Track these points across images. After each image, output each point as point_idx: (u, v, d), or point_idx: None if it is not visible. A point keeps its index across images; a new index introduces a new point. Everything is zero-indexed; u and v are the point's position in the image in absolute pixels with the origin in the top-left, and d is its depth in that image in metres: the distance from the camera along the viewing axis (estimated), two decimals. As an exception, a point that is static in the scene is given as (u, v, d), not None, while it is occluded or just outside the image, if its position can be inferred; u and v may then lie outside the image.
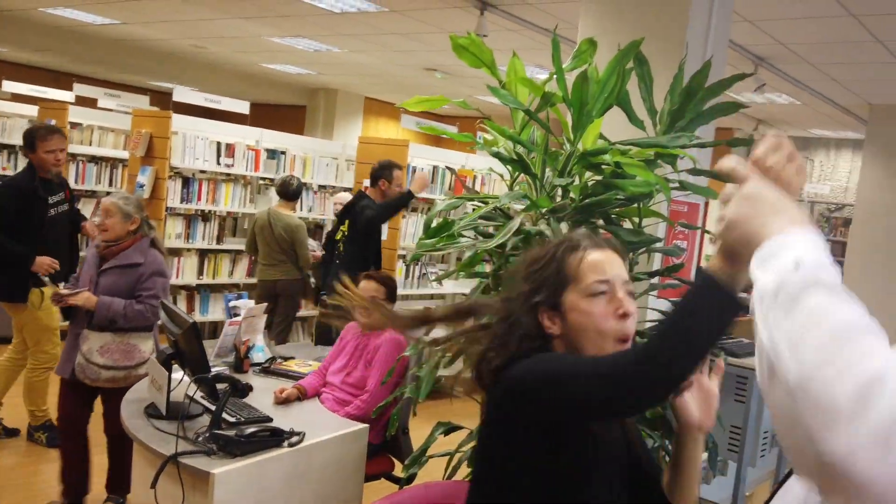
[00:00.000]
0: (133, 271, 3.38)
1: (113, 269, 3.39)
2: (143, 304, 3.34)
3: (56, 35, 9.06)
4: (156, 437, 2.46)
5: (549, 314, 1.51)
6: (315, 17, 7.23)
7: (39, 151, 4.30)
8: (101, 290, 3.35)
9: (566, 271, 1.50)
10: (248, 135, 6.62)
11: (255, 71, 11.19)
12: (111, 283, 3.37)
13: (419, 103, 2.97)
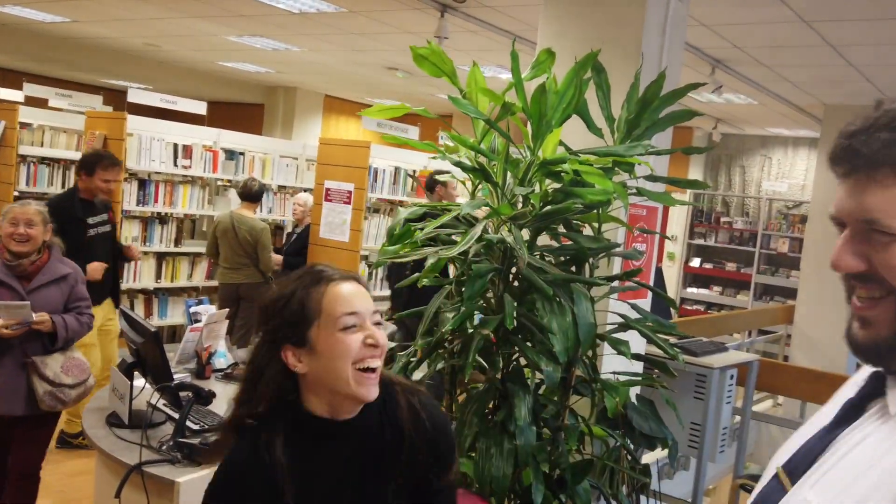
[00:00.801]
0: (64, 283, 3.28)
1: (46, 284, 3.23)
2: (84, 314, 3.31)
3: (4, 33, 8.90)
4: (119, 446, 2.49)
5: (294, 352, 1.45)
6: (273, 16, 7.22)
7: (96, 178, 4.48)
8: (38, 310, 3.15)
9: (311, 306, 1.45)
10: (206, 136, 6.60)
11: (211, 69, 11.11)
12: (47, 299, 3.21)
13: (381, 111, 3.05)
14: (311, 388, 1.47)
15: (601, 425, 2.92)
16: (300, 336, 1.44)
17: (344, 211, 6.04)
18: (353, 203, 6.01)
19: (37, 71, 11.59)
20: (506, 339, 2.71)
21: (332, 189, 6.08)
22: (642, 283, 3.11)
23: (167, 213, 6.32)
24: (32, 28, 8.89)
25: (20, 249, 3.13)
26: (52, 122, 7.23)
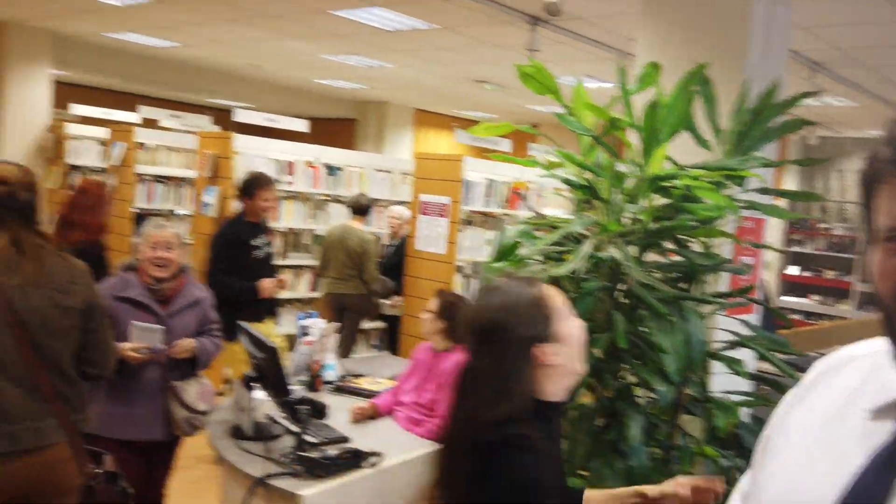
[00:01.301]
0: (198, 307, 3.19)
1: (183, 308, 3.13)
2: (216, 337, 3.24)
3: (120, 58, 9.37)
4: (243, 458, 2.55)
5: (547, 347, 1.60)
6: (368, 35, 7.35)
7: (257, 199, 4.58)
8: (174, 336, 3.05)
9: (545, 304, 1.63)
10: (307, 152, 6.75)
11: (307, 86, 11.39)
12: (184, 323, 3.11)
13: (486, 130, 3.03)
14: (553, 376, 1.62)
15: (712, 445, 2.82)
16: (549, 332, 1.60)
17: (440, 224, 6.07)
18: (448, 216, 6.03)
19: (148, 93, 12.16)
20: (614, 357, 2.65)
21: (428, 202, 6.12)
22: (752, 297, 3.00)
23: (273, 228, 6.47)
24: (145, 53, 9.33)
25: (160, 274, 3.05)
26: (165, 142, 7.53)
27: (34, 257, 2.23)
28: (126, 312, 2.99)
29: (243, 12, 6.75)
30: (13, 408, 2.15)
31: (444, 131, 13.82)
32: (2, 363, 2.15)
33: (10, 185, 2.23)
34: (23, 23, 7.92)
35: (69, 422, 2.27)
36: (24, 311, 2.18)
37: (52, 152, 8.04)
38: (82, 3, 6.80)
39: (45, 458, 2.21)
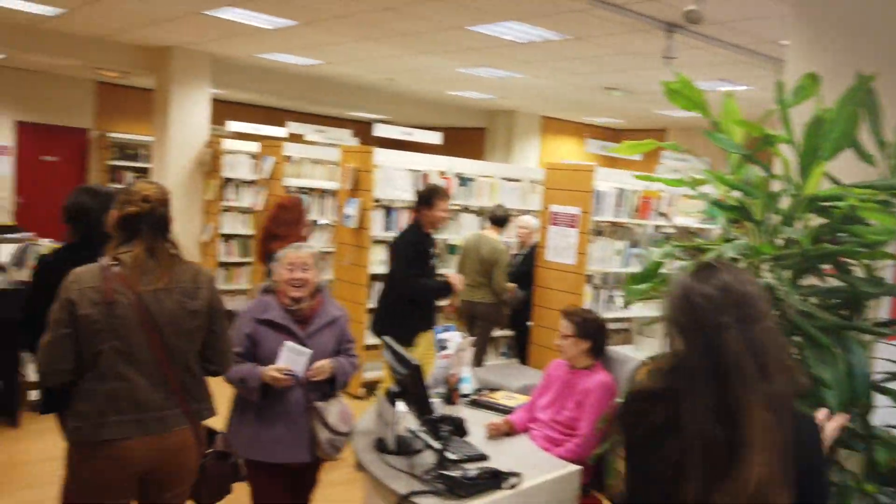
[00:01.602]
0: (336, 325, 3.10)
1: (321, 328, 3.05)
2: (353, 356, 3.13)
3: (269, 77, 9.81)
4: (387, 472, 2.55)
5: None
6: (501, 48, 7.32)
7: (436, 210, 4.72)
8: (315, 355, 2.96)
9: None
10: (440, 164, 6.79)
11: (439, 98, 11.51)
12: (322, 343, 3.02)
13: (629, 149, 2.90)
14: None
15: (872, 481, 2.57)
16: None
17: (570, 234, 5.94)
18: (578, 226, 5.89)
19: (293, 108, 12.69)
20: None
21: (558, 213, 6.00)
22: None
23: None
24: (292, 71, 9.72)
25: (298, 294, 2.99)
26: (309, 155, 7.80)
27: (166, 265, 2.43)
28: (267, 335, 2.98)
29: (383, 32, 6.89)
30: (144, 398, 2.37)
31: (570, 137, 13.61)
32: (136, 360, 2.35)
33: (151, 202, 2.44)
34: (186, 47, 8.44)
35: (191, 411, 2.48)
36: (158, 314, 2.37)
37: (210, 166, 8.51)
38: (237, 28, 7.16)
39: (170, 442, 2.43)
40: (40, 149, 10.85)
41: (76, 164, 11.17)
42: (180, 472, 2.51)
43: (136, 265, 2.37)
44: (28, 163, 10.68)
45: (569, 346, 3.27)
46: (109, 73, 10.20)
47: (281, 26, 6.94)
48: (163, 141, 8.51)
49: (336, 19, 6.55)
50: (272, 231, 4.68)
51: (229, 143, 8.47)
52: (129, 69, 9.01)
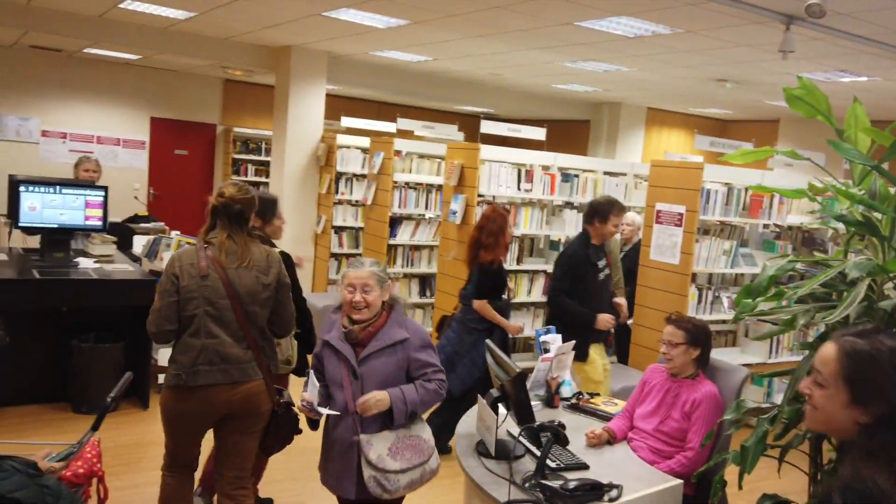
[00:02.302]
0: (401, 349, 2.77)
1: (378, 352, 2.76)
2: (432, 381, 2.78)
3: (381, 73, 9.93)
4: (487, 478, 2.52)
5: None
6: (608, 42, 7.09)
7: (609, 224, 4.63)
8: (367, 383, 2.72)
9: None
10: (544, 159, 6.68)
11: (544, 91, 11.33)
12: (376, 369, 2.74)
13: (742, 156, 2.73)
14: None
15: None
16: None
17: (674, 233, 5.70)
18: (684, 225, 5.64)
19: (402, 102, 12.81)
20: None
21: (662, 211, 5.77)
22: None
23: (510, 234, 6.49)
24: (401, 67, 9.80)
25: (358, 317, 2.76)
26: (416, 150, 7.84)
27: (244, 248, 2.94)
28: (329, 357, 2.82)
29: (492, 29, 6.82)
30: (229, 353, 2.86)
31: (676, 128, 13.09)
32: (224, 322, 2.87)
33: (224, 198, 2.95)
34: (305, 46, 8.65)
35: (264, 365, 2.96)
36: (238, 286, 2.89)
37: (324, 160, 8.71)
38: (352, 28, 7.26)
39: (248, 389, 2.91)
40: (172, 143, 11.43)
41: (204, 158, 11.72)
42: (253, 414, 2.95)
43: (222, 248, 2.90)
44: (161, 156, 11.28)
45: (678, 354, 3.12)
46: (235, 72, 10.60)
47: (393, 25, 6.98)
48: (281, 135, 8.78)
49: (446, 18, 6.53)
50: (479, 240, 4.72)
51: (342, 138, 8.63)
52: (252, 67, 9.33)
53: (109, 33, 8.07)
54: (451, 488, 4.29)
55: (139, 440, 4.66)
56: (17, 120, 10.17)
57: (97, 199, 5.16)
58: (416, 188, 7.68)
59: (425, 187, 7.75)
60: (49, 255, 5.07)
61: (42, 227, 5.06)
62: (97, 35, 8.09)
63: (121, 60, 10.46)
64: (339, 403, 2.75)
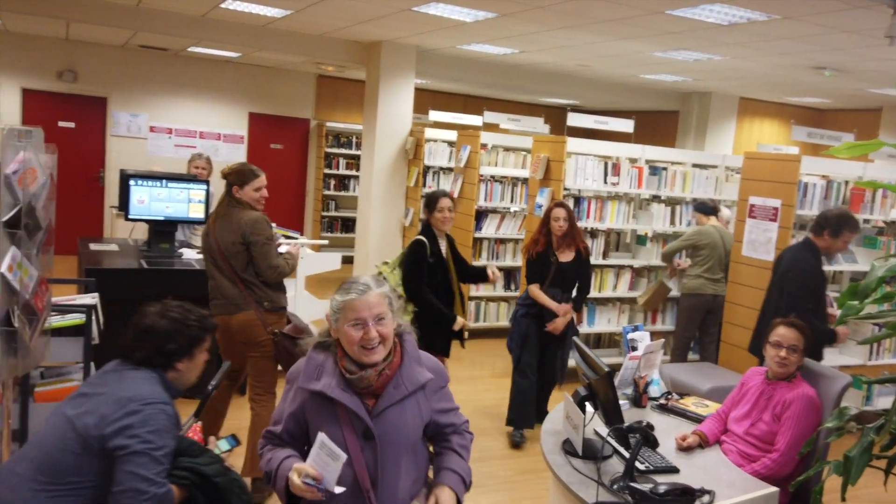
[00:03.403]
0: (425, 394, 2.14)
1: (399, 402, 2.08)
2: (462, 433, 2.24)
3: (468, 66, 9.90)
4: (574, 477, 2.48)
5: None
6: (701, 30, 6.82)
7: (841, 239, 4.21)
8: (386, 447, 2.03)
9: None
10: (631, 152, 6.50)
11: (631, 82, 11.02)
12: (398, 427, 2.06)
13: (849, 150, 2.56)
14: None
15: None
16: None
17: (769, 228, 5.43)
18: (779, 220, 5.37)
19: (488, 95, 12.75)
20: None
21: (756, 205, 5.51)
22: None
23: (596, 228, 6.37)
24: (488, 60, 9.74)
25: (372, 359, 2.04)
26: (502, 143, 7.78)
27: (225, 213, 3.73)
28: (319, 413, 2.06)
29: (580, 20, 6.67)
30: (225, 291, 3.71)
31: (770, 119, 12.49)
32: (219, 268, 3.71)
33: (223, 175, 3.79)
34: (394, 41, 8.72)
35: (255, 300, 3.69)
36: (221, 242, 3.69)
37: (412, 154, 8.78)
38: (440, 22, 7.26)
39: (242, 318, 3.69)
40: (268, 137, 11.76)
41: (298, 152, 12.01)
42: (251, 342, 3.72)
43: (216, 214, 3.80)
44: (258, 150, 11.63)
45: (797, 361, 2.98)
46: (327, 68, 10.80)
47: (481, 19, 6.94)
48: (371, 129, 8.89)
49: (535, 10, 6.43)
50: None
51: (430, 131, 8.66)
52: (344, 63, 9.48)
53: (211, 32, 8.37)
54: (535, 483, 4.27)
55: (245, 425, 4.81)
56: (127, 116, 10.71)
57: (200, 193, 5.36)
58: (502, 181, 7.63)
59: (510, 180, 7.69)
60: (155, 246, 5.31)
61: (149, 219, 5.30)
62: (200, 34, 8.40)
63: (221, 58, 10.84)
64: (343, 478, 1.95)
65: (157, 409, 2.07)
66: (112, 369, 2.22)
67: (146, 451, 2.00)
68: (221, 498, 2.17)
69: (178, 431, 2.18)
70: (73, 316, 3.14)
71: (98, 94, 10.46)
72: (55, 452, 2.02)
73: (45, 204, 2.58)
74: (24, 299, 2.40)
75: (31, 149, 2.43)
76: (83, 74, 10.31)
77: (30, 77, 10.01)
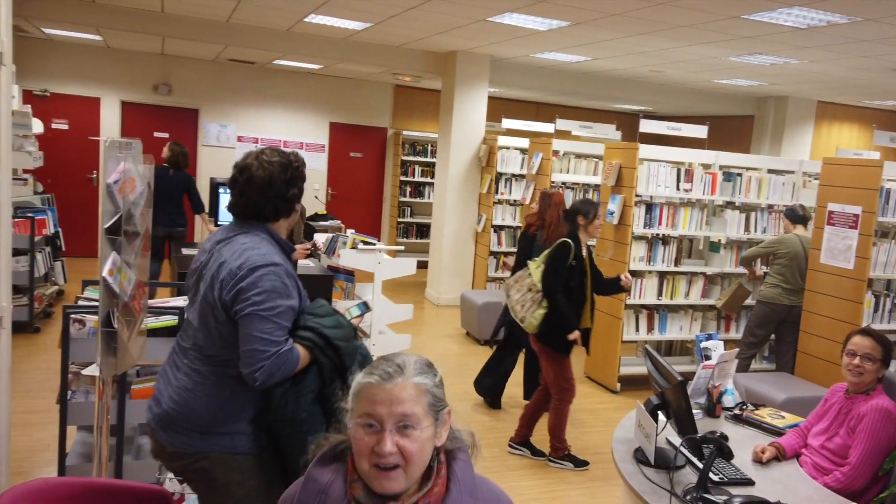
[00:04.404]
0: None
1: None
2: None
3: (540, 75, 9.82)
4: (647, 487, 2.40)
5: None
6: (777, 34, 6.55)
7: None
8: None
9: None
10: (705, 158, 6.29)
11: (704, 87, 10.69)
12: None
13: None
14: None
15: None
16: None
17: (849, 236, 5.16)
18: (859, 227, 5.09)
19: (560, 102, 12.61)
20: None
21: (835, 212, 5.24)
22: None
23: (668, 235, 6.19)
24: (560, 68, 9.63)
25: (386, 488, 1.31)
26: (573, 150, 7.68)
27: None
28: None
29: (655, 26, 6.51)
30: None
31: (849, 123, 11.87)
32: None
33: None
34: (469, 50, 8.73)
35: None
36: None
37: (485, 161, 8.76)
38: (515, 31, 7.23)
39: None
40: (348, 146, 11.96)
41: (376, 160, 12.18)
42: None
43: None
44: (338, 158, 11.85)
45: (872, 371, 2.82)
46: (405, 78, 10.91)
47: (554, 27, 6.87)
48: (446, 137, 8.92)
49: (609, 17, 6.32)
50: None
51: (503, 139, 8.62)
52: (420, 73, 9.56)
53: (296, 45, 8.58)
54: (606, 491, 4.18)
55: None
56: (217, 127, 11.10)
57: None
58: (573, 188, 7.52)
59: (582, 187, 7.57)
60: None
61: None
62: (285, 47, 8.63)
63: (304, 70, 11.10)
64: None
65: (266, 272, 2.06)
66: (224, 237, 2.21)
67: (257, 312, 2.01)
68: (343, 363, 2.10)
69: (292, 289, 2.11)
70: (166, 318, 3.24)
71: (190, 105, 10.89)
72: (201, 335, 2.11)
73: (143, 211, 2.69)
74: (122, 302, 2.51)
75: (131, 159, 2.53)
76: (177, 87, 10.76)
77: (128, 91, 10.51)
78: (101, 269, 2.43)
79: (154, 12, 7.82)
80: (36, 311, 6.40)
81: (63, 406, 3.10)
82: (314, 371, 2.10)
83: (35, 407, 4.67)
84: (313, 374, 2.09)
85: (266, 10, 7.33)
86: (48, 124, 9.76)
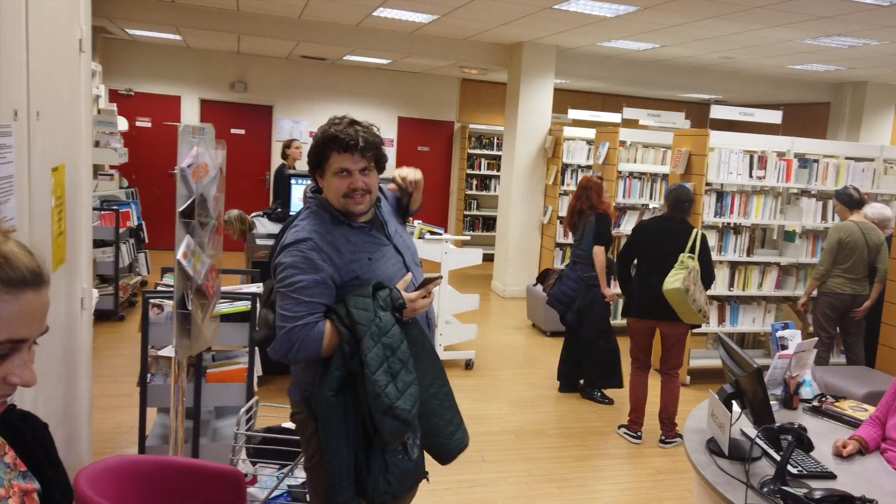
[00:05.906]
0: None
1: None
2: None
3: (607, 64, 9.58)
4: (720, 478, 2.28)
5: None
6: (857, 13, 6.15)
7: None
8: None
9: None
10: (779, 144, 5.99)
11: (778, 73, 10.19)
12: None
13: None
14: None
15: None
16: None
17: (937, 223, 4.81)
18: (950, 214, 4.74)
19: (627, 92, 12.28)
20: None
21: (923, 199, 4.90)
22: None
23: (740, 224, 5.92)
24: (627, 57, 9.37)
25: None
26: (641, 139, 7.45)
27: None
28: None
29: (726, 8, 6.23)
30: None
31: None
32: None
33: None
34: (535, 41, 8.59)
35: None
36: None
37: (551, 152, 8.61)
38: (581, 19, 7.06)
39: None
40: (416, 140, 11.98)
41: (443, 153, 12.16)
42: None
43: None
44: (406, 152, 11.89)
45: None
46: (471, 71, 10.84)
47: (622, 13, 6.66)
48: (512, 129, 8.81)
49: (678, 1, 6.08)
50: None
51: (568, 130, 8.45)
52: (487, 65, 9.47)
53: (365, 40, 8.64)
54: (677, 483, 4.03)
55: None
56: (290, 122, 11.30)
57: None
58: (641, 178, 7.30)
59: (649, 177, 7.34)
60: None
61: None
62: (355, 42, 8.70)
63: (373, 66, 11.17)
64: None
65: (293, 249, 2.05)
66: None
67: (279, 289, 2.03)
68: (356, 334, 1.96)
69: (321, 262, 2.04)
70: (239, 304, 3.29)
71: (265, 102, 11.12)
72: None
73: (216, 195, 2.72)
74: (196, 284, 2.54)
75: (204, 144, 2.56)
76: (252, 85, 11.01)
77: (207, 88, 10.82)
78: (175, 253, 2.47)
79: (230, 10, 8.00)
80: (120, 300, 6.65)
81: (143, 388, 3.19)
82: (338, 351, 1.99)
83: (118, 391, 4.84)
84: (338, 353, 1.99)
85: (336, 6, 7.38)
86: (132, 122, 10.15)
